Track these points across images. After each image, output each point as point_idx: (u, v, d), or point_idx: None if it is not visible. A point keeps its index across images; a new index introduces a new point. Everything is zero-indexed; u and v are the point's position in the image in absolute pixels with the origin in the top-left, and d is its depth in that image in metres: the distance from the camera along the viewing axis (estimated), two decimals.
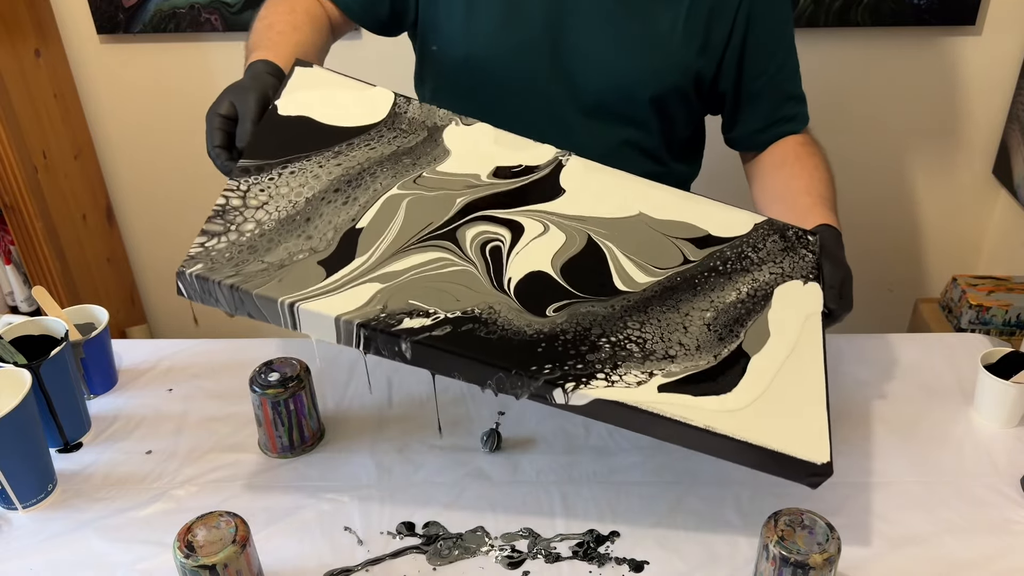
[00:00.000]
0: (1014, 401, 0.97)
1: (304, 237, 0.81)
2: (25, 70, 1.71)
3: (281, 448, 0.95)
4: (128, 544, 0.85)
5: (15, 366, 0.91)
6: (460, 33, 1.03)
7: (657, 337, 0.81)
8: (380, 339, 0.76)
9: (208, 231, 0.80)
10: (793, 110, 1.09)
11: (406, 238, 0.82)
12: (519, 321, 0.79)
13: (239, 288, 0.76)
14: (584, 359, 0.78)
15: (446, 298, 0.79)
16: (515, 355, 0.77)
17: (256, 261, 0.78)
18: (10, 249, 1.82)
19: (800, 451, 0.77)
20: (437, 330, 0.76)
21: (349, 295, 0.77)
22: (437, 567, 0.82)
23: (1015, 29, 1.76)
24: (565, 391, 0.76)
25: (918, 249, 2.03)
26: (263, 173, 0.84)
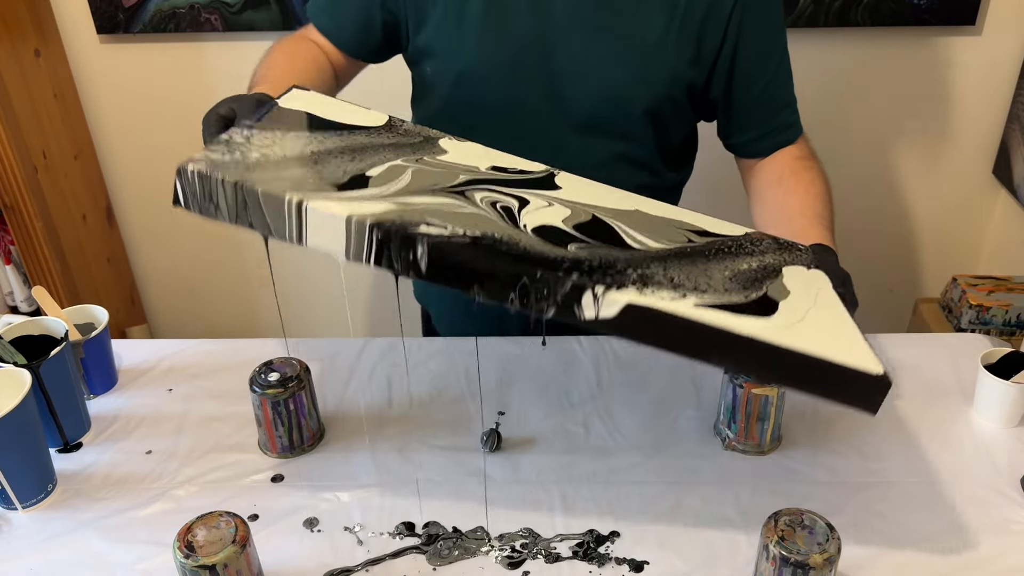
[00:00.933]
0: (1014, 401, 0.97)
1: (314, 171, 0.77)
2: (25, 70, 1.71)
3: (281, 448, 0.95)
4: (128, 544, 0.85)
5: (15, 366, 0.91)
6: (450, 53, 1.03)
7: (683, 277, 0.76)
8: (395, 242, 0.70)
9: (211, 150, 0.77)
10: (789, 118, 1.09)
11: (417, 187, 0.79)
12: (542, 248, 0.74)
13: (243, 186, 0.71)
14: (613, 275, 0.72)
15: (465, 222, 0.74)
16: (541, 262, 0.71)
17: (267, 173, 0.74)
18: (10, 249, 1.82)
19: (854, 362, 0.70)
20: (456, 238, 0.71)
21: (363, 204, 0.73)
22: (437, 567, 0.82)
23: (1015, 29, 1.76)
24: (595, 295, 0.69)
25: (918, 249, 2.03)
26: (266, 131, 0.82)
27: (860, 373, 0.70)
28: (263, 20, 1.78)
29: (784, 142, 1.09)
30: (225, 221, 0.74)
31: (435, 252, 0.70)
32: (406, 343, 1.14)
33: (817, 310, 0.78)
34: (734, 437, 0.95)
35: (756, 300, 0.77)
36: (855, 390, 0.72)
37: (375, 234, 0.70)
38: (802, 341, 0.71)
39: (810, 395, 0.73)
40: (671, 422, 1.00)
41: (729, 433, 0.96)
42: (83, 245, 1.91)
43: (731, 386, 0.94)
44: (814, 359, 0.70)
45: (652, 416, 1.01)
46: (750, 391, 0.92)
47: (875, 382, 0.71)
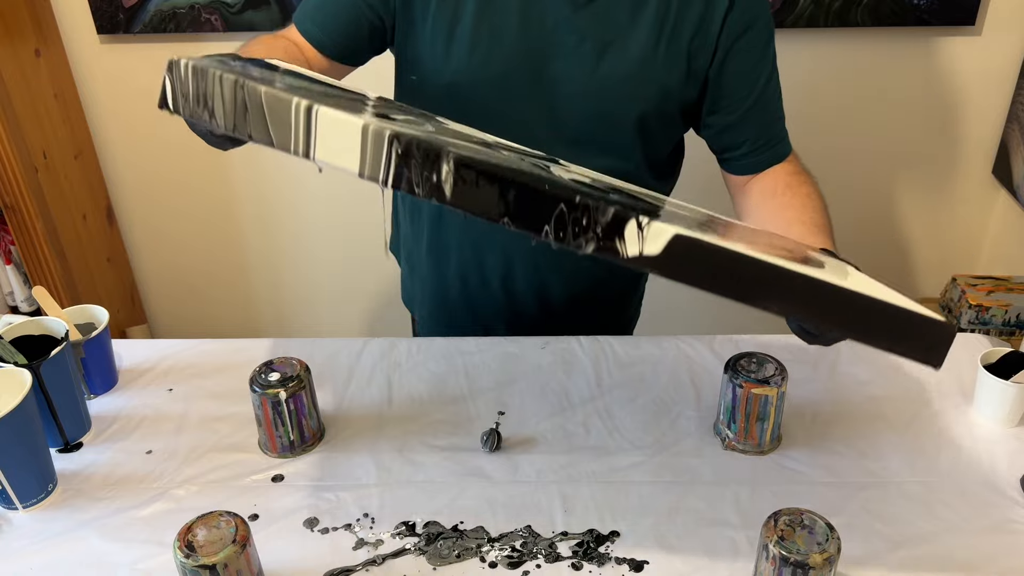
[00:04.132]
0: (1014, 401, 0.97)
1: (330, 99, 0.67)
2: (25, 70, 1.71)
3: (281, 448, 0.95)
4: (128, 544, 0.85)
5: (15, 366, 0.91)
6: (440, 63, 1.02)
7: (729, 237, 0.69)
8: (418, 158, 0.61)
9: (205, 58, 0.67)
10: (779, 134, 1.09)
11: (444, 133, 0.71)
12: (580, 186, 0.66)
13: (245, 85, 0.61)
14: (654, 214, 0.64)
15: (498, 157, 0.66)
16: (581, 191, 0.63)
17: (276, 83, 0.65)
18: (10, 249, 1.82)
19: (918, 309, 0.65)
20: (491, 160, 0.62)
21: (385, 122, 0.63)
22: (437, 567, 0.82)
23: (1015, 29, 1.76)
24: (640, 224, 0.61)
25: (918, 249, 2.03)
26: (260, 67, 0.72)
27: (928, 319, 0.65)
28: (263, 20, 1.78)
29: (776, 157, 1.09)
30: (219, 129, 0.64)
31: (463, 171, 0.61)
32: (406, 343, 1.14)
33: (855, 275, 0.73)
34: (734, 437, 0.95)
35: (803, 258, 0.71)
36: (921, 338, 0.66)
37: (395, 147, 0.61)
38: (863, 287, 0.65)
39: (872, 344, 0.66)
40: (671, 422, 1.00)
41: (729, 433, 0.96)
42: (83, 245, 1.91)
43: (731, 386, 0.94)
44: (882, 303, 0.64)
45: (652, 416, 1.01)
46: (750, 391, 0.92)
47: (942, 329, 0.66)
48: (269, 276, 2.17)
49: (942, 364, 0.67)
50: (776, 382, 0.92)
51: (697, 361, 1.10)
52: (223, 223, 2.08)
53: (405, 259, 1.29)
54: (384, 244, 2.06)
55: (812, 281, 0.63)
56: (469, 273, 1.18)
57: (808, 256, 0.76)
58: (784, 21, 1.73)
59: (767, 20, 1.03)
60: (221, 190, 2.04)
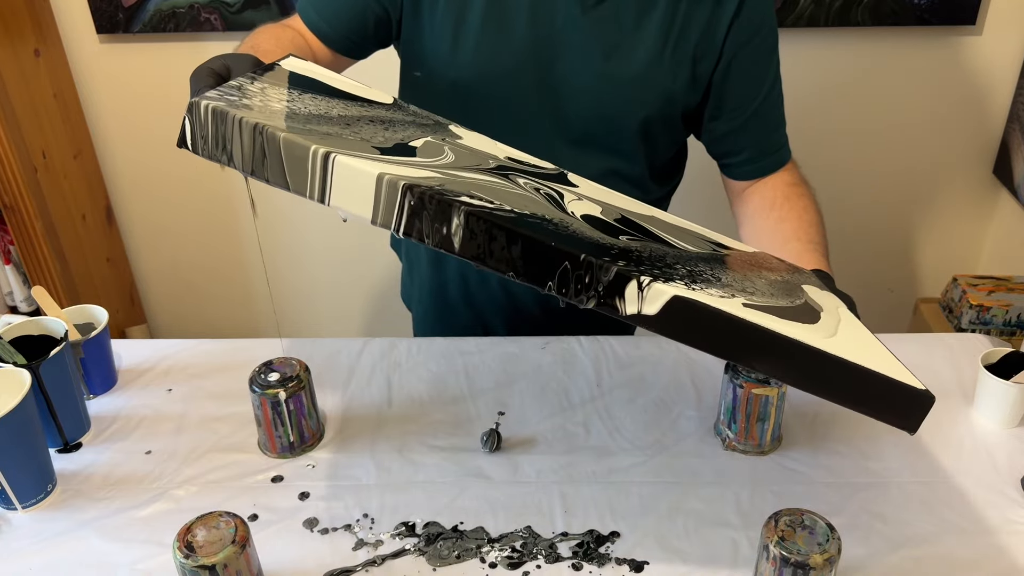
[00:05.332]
0: (1014, 401, 0.97)
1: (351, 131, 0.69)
2: (25, 70, 1.71)
3: (281, 448, 0.95)
4: (128, 544, 0.85)
5: (15, 366, 0.91)
6: (446, 59, 1.02)
7: (731, 279, 0.74)
8: (430, 211, 0.62)
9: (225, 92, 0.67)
10: (779, 141, 1.09)
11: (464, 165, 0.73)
12: (592, 235, 0.70)
13: (264, 130, 0.63)
14: (662, 268, 0.68)
15: (514, 201, 0.68)
16: (588, 246, 0.66)
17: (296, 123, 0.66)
18: (10, 249, 1.82)
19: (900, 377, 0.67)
20: (500, 212, 0.65)
21: (403, 168, 0.65)
22: (437, 567, 0.82)
23: (1015, 29, 1.76)
24: (640, 285, 0.64)
25: (918, 249, 2.03)
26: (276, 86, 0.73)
27: (906, 387, 0.67)
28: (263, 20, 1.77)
29: (776, 164, 1.09)
30: (238, 170, 0.66)
31: (472, 226, 0.63)
32: (406, 343, 1.14)
33: (845, 327, 0.76)
34: (734, 437, 0.95)
35: (800, 306, 0.75)
36: (898, 405, 0.69)
37: (408, 198, 0.63)
38: (848, 351, 0.68)
39: (852, 407, 0.69)
40: (671, 422, 1.00)
41: (729, 433, 0.96)
42: (83, 245, 1.91)
43: (731, 386, 0.94)
44: (862, 370, 0.67)
45: (652, 416, 1.01)
46: (750, 391, 0.92)
47: (919, 398, 0.68)
48: (269, 276, 2.17)
49: (917, 430, 0.69)
50: (776, 382, 0.92)
51: (697, 361, 1.10)
52: (222, 223, 2.08)
53: (405, 255, 1.29)
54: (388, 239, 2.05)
55: (802, 347, 0.66)
56: (469, 271, 1.18)
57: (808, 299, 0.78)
58: (784, 21, 1.73)
59: (772, 28, 1.03)
60: (220, 190, 2.04)
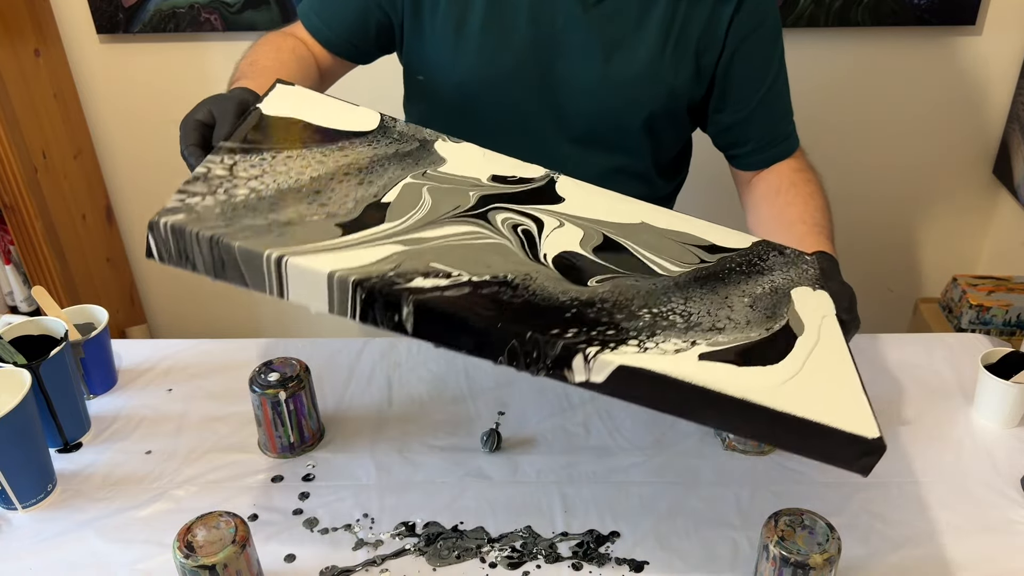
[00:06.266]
0: (1014, 401, 0.97)
1: (317, 204, 0.72)
2: (25, 70, 1.71)
3: (281, 448, 0.95)
4: (128, 544, 0.85)
5: (15, 366, 0.91)
6: (448, 62, 1.01)
7: (703, 312, 0.76)
8: (379, 303, 0.66)
9: (188, 191, 0.70)
10: (786, 130, 1.09)
11: (440, 214, 0.77)
12: (555, 288, 0.73)
13: (220, 241, 0.66)
14: (618, 326, 0.71)
15: (476, 263, 0.72)
16: (535, 319, 0.68)
17: (257, 217, 0.69)
18: (10, 249, 1.82)
19: (848, 425, 0.69)
20: (451, 291, 0.68)
21: (358, 253, 0.69)
22: (437, 567, 0.82)
23: (1015, 29, 1.76)
24: (586, 358, 0.67)
25: (918, 249, 2.03)
26: (252, 154, 0.76)
27: (855, 437, 0.69)
28: (263, 20, 1.78)
29: (782, 153, 1.08)
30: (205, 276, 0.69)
31: (421, 311, 0.67)
32: (406, 343, 1.14)
33: (820, 350, 0.78)
34: (734, 437, 0.95)
35: (778, 332, 0.77)
36: (849, 453, 0.70)
37: (359, 293, 0.67)
38: (800, 398, 0.70)
39: (804, 455, 0.71)
40: (671, 422, 1.00)
41: (729, 433, 0.96)
42: (83, 245, 1.91)
43: None
44: (809, 423, 0.68)
45: (652, 416, 1.01)
46: None
47: (869, 446, 0.69)
48: None
49: (869, 474, 0.70)
50: None
51: None
52: None
53: None
54: None
55: (748, 405, 0.68)
56: None
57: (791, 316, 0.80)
58: (784, 21, 1.73)
59: (775, 19, 1.03)
60: None
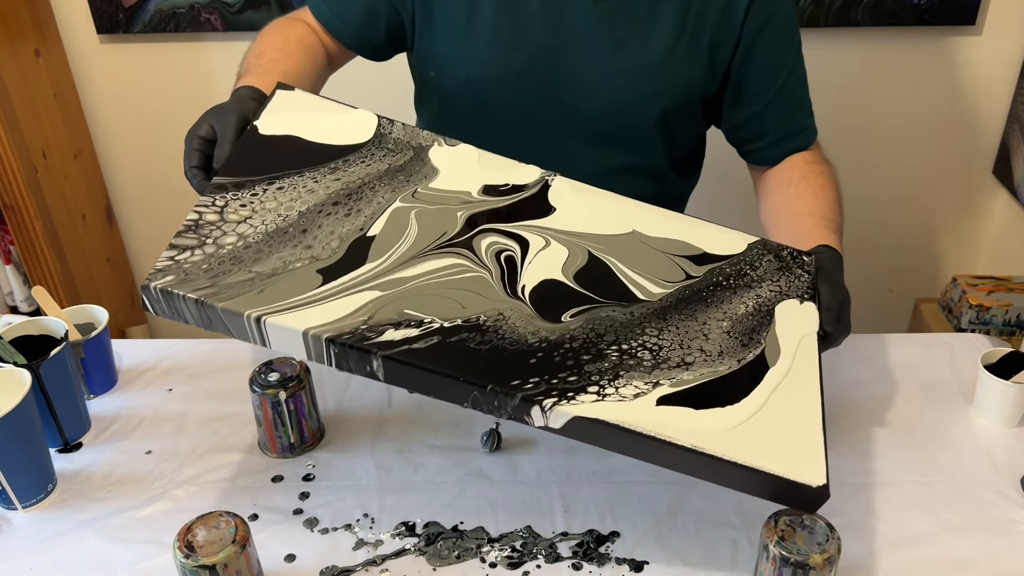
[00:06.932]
0: (1014, 401, 0.97)
1: (302, 247, 0.77)
2: (25, 70, 1.71)
3: (281, 448, 0.95)
4: (128, 544, 0.85)
5: (15, 366, 0.91)
6: (458, 58, 1.01)
7: (675, 344, 0.79)
8: (351, 356, 0.72)
9: (178, 245, 0.76)
10: (802, 123, 1.08)
11: (424, 245, 0.80)
12: (526, 328, 0.76)
13: (204, 303, 0.72)
14: (581, 370, 0.75)
15: (449, 305, 0.76)
16: (498, 371, 0.73)
17: (241, 271, 0.75)
18: (10, 249, 1.82)
19: (794, 473, 0.73)
20: (420, 342, 0.73)
21: (335, 305, 0.74)
22: (437, 567, 0.82)
23: (1015, 29, 1.76)
24: (543, 409, 0.72)
25: (918, 249, 2.03)
26: (243, 189, 0.80)
27: (800, 485, 0.73)
28: (263, 20, 1.78)
29: (797, 147, 1.07)
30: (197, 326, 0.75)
31: (389, 366, 0.72)
32: None
33: (789, 382, 0.80)
34: None
35: (750, 363, 0.80)
36: (794, 496, 0.75)
37: (332, 348, 0.72)
38: (750, 444, 0.74)
39: (750, 493, 0.76)
40: None
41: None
42: (83, 245, 1.91)
43: None
44: (756, 471, 0.73)
45: None
46: None
47: (813, 493, 0.74)
48: None
49: (816, 511, 0.76)
50: None
51: None
52: None
53: None
54: None
55: (697, 454, 0.73)
56: None
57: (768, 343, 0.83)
58: None
59: (790, 10, 1.02)
60: None
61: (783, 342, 0.83)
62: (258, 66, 0.96)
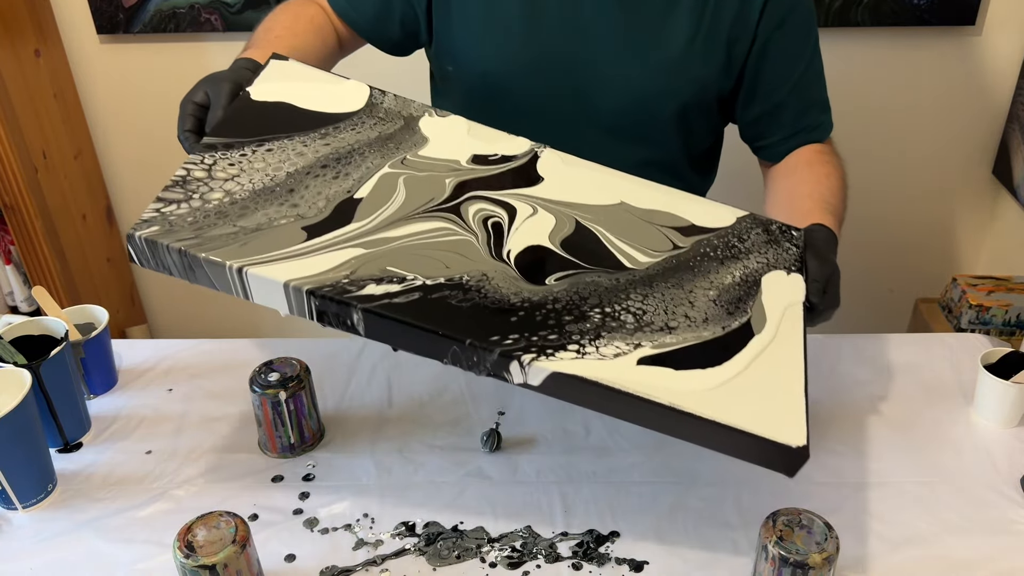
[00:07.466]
0: (1014, 401, 0.97)
1: (288, 205, 0.78)
2: (25, 70, 1.71)
3: (281, 448, 0.95)
4: (128, 544, 0.85)
5: (15, 366, 0.91)
6: (476, 52, 1.02)
7: (660, 310, 0.79)
8: (332, 309, 0.73)
9: (165, 198, 0.76)
10: (816, 119, 1.07)
11: (411, 208, 0.81)
12: (509, 289, 0.76)
13: (187, 252, 0.73)
14: (563, 329, 0.75)
15: (433, 265, 0.76)
16: (478, 327, 0.73)
17: (226, 225, 0.75)
18: (10, 249, 1.82)
19: (774, 433, 0.72)
20: (401, 297, 0.73)
21: (317, 260, 0.74)
22: (437, 567, 0.82)
23: (1015, 29, 1.76)
24: (522, 364, 0.72)
25: (918, 249, 2.03)
26: (232, 150, 0.81)
27: (780, 445, 0.72)
28: None
29: (808, 140, 1.07)
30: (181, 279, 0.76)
31: (370, 319, 0.72)
32: None
33: (774, 348, 0.80)
34: None
35: (735, 330, 0.79)
36: (773, 457, 0.73)
37: (312, 300, 0.73)
38: (730, 404, 0.73)
39: (730, 454, 0.75)
40: None
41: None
42: (83, 245, 1.91)
43: None
44: (735, 430, 0.72)
45: None
46: None
47: (793, 453, 0.72)
48: None
49: (795, 475, 0.74)
50: None
51: None
52: None
53: None
54: None
55: (675, 412, 0.72)
56: None
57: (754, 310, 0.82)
58: None
59: (806, 7, 1.02)
60: None
61: (769, 311, 0.83)
62: (263, 41, 0.97)
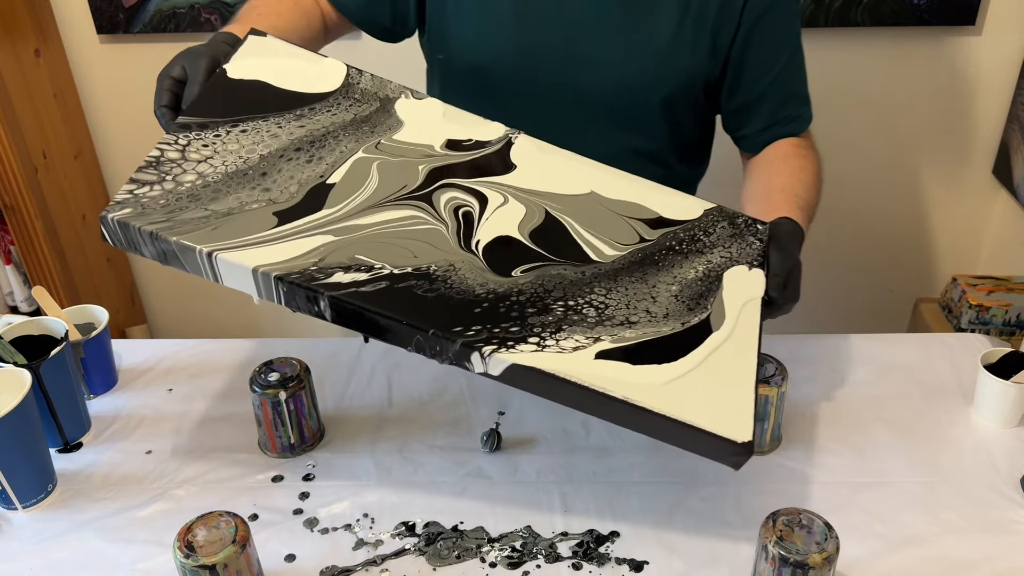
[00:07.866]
0: (1014, 401, 0.97)
1: (260, 189, 0.78)
2: (25, 70, 1.71)
3: (281, 448, 0.95)
4: (128, 544, 0.85)
5: (15, 366, 0.91)
6: (469, 38, 1.02)
7: (622, 304, 0.80)
8: (299, 295, 0.74)
9: (138, 180, 0.77)
10: (796, 111, 1.08)
11: (383, 195, 0.81)
12: (475, 280, 0.78)
13: (158, 236, 0.74)
14: (525, 322, 0.76)
15: (401, 254, 0.77)
16: (442, 316, 0.75)
17: (197, 208, 0.76)
18: (10, 249, 1.82)
19: (721, 429, 0.74)
20: (368, 286, 0.74)
21: (287, 246, 0.75)
22: (437, 567, 0.82)
23: (1015, 29, 1.76)
24: (483, 355, 0.74)
25: (918, 249, 2.03)
26: (207, 130, 0.82)
27: (726, 440, 0.74)
28: None
29: (786, 133, 1.08)
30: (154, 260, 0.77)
31: (337, 306, 0.74)
32: None
33: (729, 344, 0.81)
34: None
35: (694, 326, 0.80)
36: (720, 452, 0.76)
37: (280, 286, 0.74)
38: (680, 398, 0.75)
39: (678, 446, 0.77)
40: None
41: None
42: (83, 245, 1.91)
43: None
44: (683, 424, 0.74)
45: None
46: None
47: (739, 449, 0.74)
48: None
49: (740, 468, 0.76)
50: (776, 382, 0.92)
51: None
52: None
53: None
54: None
55: (627, 405, 0.74)
56: None
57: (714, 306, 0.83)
58: None
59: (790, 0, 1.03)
60: None
61: (728, 307, 0.84)
62: (246, 17, 0.97)
